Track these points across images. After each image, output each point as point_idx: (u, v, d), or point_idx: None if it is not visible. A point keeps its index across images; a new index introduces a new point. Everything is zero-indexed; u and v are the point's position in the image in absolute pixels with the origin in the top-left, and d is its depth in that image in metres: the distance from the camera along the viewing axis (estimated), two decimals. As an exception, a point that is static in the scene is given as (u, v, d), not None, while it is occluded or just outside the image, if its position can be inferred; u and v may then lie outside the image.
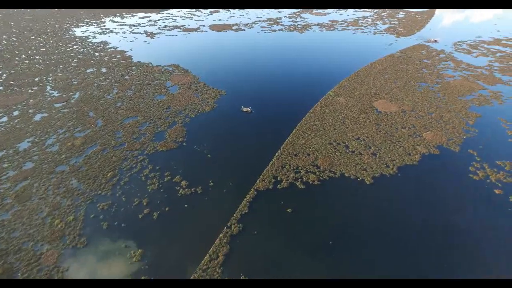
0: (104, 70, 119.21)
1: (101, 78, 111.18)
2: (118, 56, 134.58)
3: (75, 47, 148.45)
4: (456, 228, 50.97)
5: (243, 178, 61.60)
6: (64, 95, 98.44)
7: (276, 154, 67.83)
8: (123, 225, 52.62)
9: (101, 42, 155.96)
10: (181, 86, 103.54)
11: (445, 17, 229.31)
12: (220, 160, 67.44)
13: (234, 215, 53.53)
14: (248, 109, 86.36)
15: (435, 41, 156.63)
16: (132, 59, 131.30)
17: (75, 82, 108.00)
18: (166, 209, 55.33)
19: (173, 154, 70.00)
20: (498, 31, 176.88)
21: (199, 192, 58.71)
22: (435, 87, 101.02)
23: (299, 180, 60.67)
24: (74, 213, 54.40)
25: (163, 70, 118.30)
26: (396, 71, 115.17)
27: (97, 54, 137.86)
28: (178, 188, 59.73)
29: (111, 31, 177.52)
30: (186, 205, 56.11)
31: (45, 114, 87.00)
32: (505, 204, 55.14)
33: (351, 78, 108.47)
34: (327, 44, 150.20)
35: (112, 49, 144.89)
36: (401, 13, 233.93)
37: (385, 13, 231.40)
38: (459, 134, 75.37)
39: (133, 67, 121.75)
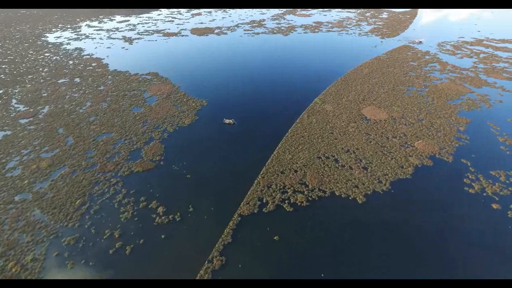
0: (77, 80, 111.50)
1: (73, 90, 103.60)
2: (93, 64, 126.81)
3: (47, 54, 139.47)
4: (457, 250, 47.49)
5: (225, 201, 56.49)
6: (32, 109, 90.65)
7: (261, 172, 63.01)
8: (91, 263, 46.65)
9: (76, 49, 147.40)
10: (159, 97, 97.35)
11: (427, 16, 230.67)
12: (200, 180, 62.06)
13: (216, 245, 48.40)
14: (231, 121, 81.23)
15: (420, 42, 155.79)
16: (108, 67, 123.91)
17: (45, 94, 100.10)
18: (141, 242, 49.65)
19: (149, 175, 64.12)
20: (479, 31, 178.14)
21: (177, 219, 53.23)
22: (423, 91, 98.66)
23: (286, 201, 56.04)
24: (34, 252, 47.92)
25: (141, 79, 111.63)
26: (383, 74, 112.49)
27: (70, 62, 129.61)
28: (154, 215, 54.04)
29: (87, 36, 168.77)
30: (162, 236, 50.56)
31: (8, 132, 79.27)
32: (505, 221, 52.17)
33: (338, 83, 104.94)
34: (312, 47, 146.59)
35: (87, 56, 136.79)
36: (385, 13, 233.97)
37: (369, 14, 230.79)
38: (451, 142, 72.62)
39: (109, 76, 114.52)
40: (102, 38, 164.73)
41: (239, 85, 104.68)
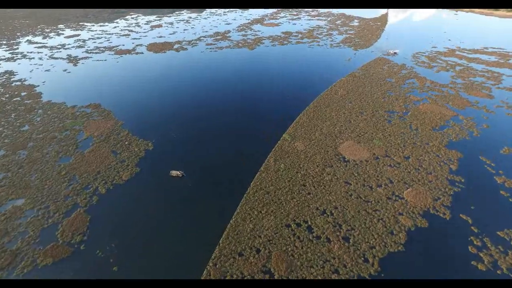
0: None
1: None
2: (22, 94, 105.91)
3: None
4: None
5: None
6: None
7: (213, 257, 47.31)
8: None
9: (5, 72, 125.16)
10: (97, 139, 79.25)
11: (397, 22, 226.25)
12: (131, 275, 45.29)
13: None
14: (179, 173, 64.99)
15: (395, 53, 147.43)
16: (41, 97, 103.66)
17: None
18: None
19: (61, 269, 46.68)
20: (449, 40, 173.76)
21: None
22: (405, 117, 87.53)
23: (244, 308, 40.63)
24: None
25: (78, 113, 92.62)
26: (360, 96, 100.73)
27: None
28: None
29: (24, 56, 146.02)
30: None
31: None
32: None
33: (310, 110, 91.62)
34: (280, 63, 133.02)
35: (17, 83, 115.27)
36: (355, 20, 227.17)
37: (339, 21, 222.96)
38: (445, 189, 60.70)
39: (39, 111, 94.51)
40: (42, 58, 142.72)
41: (195, 118, 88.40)
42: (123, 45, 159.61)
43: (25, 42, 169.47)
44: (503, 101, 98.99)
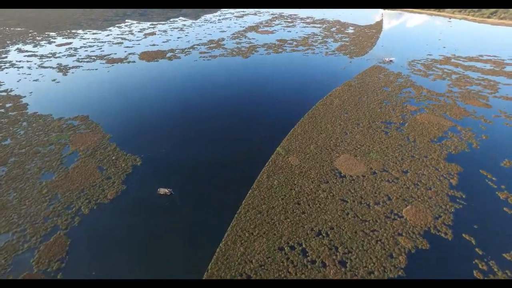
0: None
1: (-34, 147, 79.11)
2: (7, 105, 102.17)
3: None
4: None
5: None
6: None
7: (200, 286, 43.72)
8: None
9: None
10: (82, 153, 75.71)
11: (392, 29, 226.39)
12: (109, 309, 41.55)
13: None
14: (167, 191, 61.61)
15: (390, 61, 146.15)
16: (27, 109, 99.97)
17: None
18: None
19: (31, 303, 42.50)
20: (444, 47, 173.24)
21: None
22: (402, 128, 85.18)
23: None
24: None
25: (65, 126, 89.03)
26: (356, 106, 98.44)
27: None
28: None
29: (12, 64, 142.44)
30: None
31: None
32: None
33: (304, 121, 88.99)
34: (274, 72, 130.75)
35: (3, 93, 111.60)
36: (350, 27, 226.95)
37: (334, 28, 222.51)
38: (446, 206, 57.95)
39: (24, 123, 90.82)
40: (31, 67, 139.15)
41: (185, 131, 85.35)
42: (115, 53, 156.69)
43: (14, 50, 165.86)
44: (500, 110, 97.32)
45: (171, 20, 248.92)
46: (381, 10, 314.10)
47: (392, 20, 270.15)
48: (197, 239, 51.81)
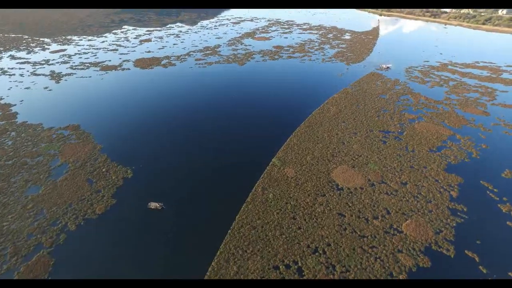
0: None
1: (-50, 158, 76.33)
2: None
3: None
4: None
5: None
6: None
7: (190, 311, 41.17)
8: None
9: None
10: (72, 165, 73.18)
11: (388, 35, 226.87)
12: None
13: None
14: (157, 205, 59.17)
15: (387, 67, 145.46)
16: (16, 118, 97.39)
17: None
18: None
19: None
20: (441, 54, 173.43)
21: None
22: (400, 137, 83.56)
23: None
24: None
25: (55, 136, 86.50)
26: (353, 114, 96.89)
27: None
28: None
29: (4, 72, 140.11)
30: None
31: None
32: None
33: (300, 130, 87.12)
34: (271, 80, 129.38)
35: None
36: (347, 34, 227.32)
37: (331, 35, 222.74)
38: (447, 220, 55.98)
39: (12, 133, 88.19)
40: (23, 75, 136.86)
41: (178, 140, 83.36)
42: (110, 60, 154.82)
43: (7, 57, 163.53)
44: (499, 118, 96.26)
45: (168, 26, 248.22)
46: (377, 16, 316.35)
47: (389, 26, 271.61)
48: (188, 258, 49.33)
